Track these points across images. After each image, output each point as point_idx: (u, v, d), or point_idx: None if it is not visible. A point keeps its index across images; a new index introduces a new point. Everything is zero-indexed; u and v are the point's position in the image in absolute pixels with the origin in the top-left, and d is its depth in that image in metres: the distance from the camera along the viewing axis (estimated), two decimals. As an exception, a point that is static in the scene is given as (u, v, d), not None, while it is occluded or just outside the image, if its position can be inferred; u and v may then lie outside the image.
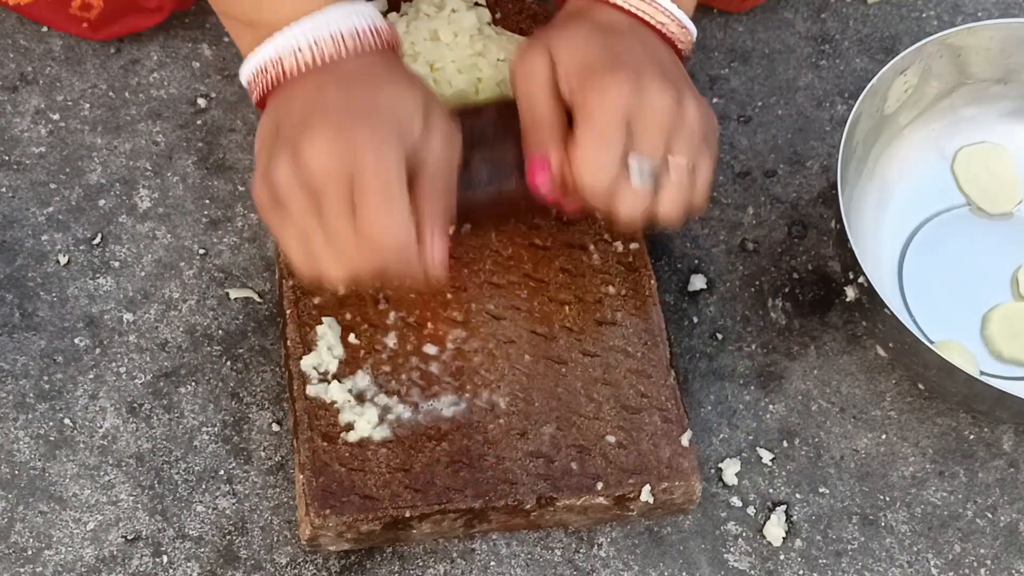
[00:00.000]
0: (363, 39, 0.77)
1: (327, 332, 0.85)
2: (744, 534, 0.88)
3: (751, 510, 0.89)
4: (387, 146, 0.73)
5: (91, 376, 0.89)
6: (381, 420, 0.83)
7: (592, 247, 0.90)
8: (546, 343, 0.87)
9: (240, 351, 0.91)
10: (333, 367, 0.84)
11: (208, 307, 0.92)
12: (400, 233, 0.72)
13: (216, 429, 0.88)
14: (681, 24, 0.82)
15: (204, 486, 0.86)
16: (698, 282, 0.96)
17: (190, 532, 0.85)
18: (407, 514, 0.80)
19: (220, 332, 0.91)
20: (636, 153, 0.77)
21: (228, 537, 0.85)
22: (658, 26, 0.81)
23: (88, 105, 0.98)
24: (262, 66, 0.77)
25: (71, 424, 0.88)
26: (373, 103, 0.74)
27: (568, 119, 0.79)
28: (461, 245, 0.88)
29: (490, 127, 0.82)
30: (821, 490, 0.90)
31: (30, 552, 0.84)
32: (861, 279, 0.87)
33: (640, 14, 0.81)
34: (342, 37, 0.76)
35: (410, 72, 0.79)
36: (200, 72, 1.00)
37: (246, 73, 0.78)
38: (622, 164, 0.76)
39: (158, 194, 0.95)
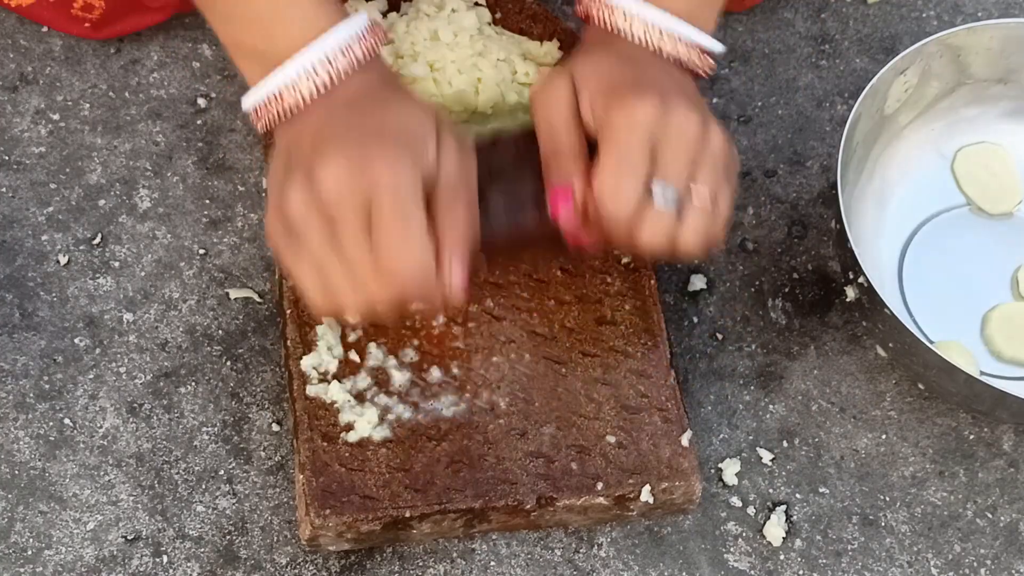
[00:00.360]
0: (358, 52, 0.75)
1: (327, 332, 0.85)
2: (744, 534, 0.88)
3: (751, 510, 0.89)
4: (403, 167, 0.71)
5: (91, 376, 0.89)
6: (381, 420, 0.83)
7: (592, 247, 0.90)
8: (546, 343, 0.87)
9: (240, 351, 0.91)
10: (333, 367, 0.84)
11: (208, 307, 0.92)
12: (419, 258, 0.70)
13: (216, 429, 0.88)
14: (703, 51, 0.81)
15: (204, 486, 0.86)
16: (698, 282, 0.96)
17: (190, 532, 0.85)
18: (407, 514, 0.80)
19: (220, 332, 0.91)
20: (660, 179, 0.75)
21: (228, 537, 0.85)
22: (679, 59, 0.80)
23: (88, 105, 0.98)
24: (265, 100, 0.75)
25: (71, 424, 0.88)
26: (385, 124, 0.73)
27: (589, 148, 0.77)
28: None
29: (507, 158, 0.79)
30: (821, 490, 0.90)
31: (30, 552, 0.84)
32: (861, 279, 0.87)
33: (658, 50, 0.79)
34: (339, 57, 0.74)
35: (411, 93, 0.77)
36: (200, 72, 1.00)
37: (249, 104, 0.76)
38: (645, 190, 0.74)
39: (158, 194, 0.95)
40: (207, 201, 0.96)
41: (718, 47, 0.82)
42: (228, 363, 0.90)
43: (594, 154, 0.76)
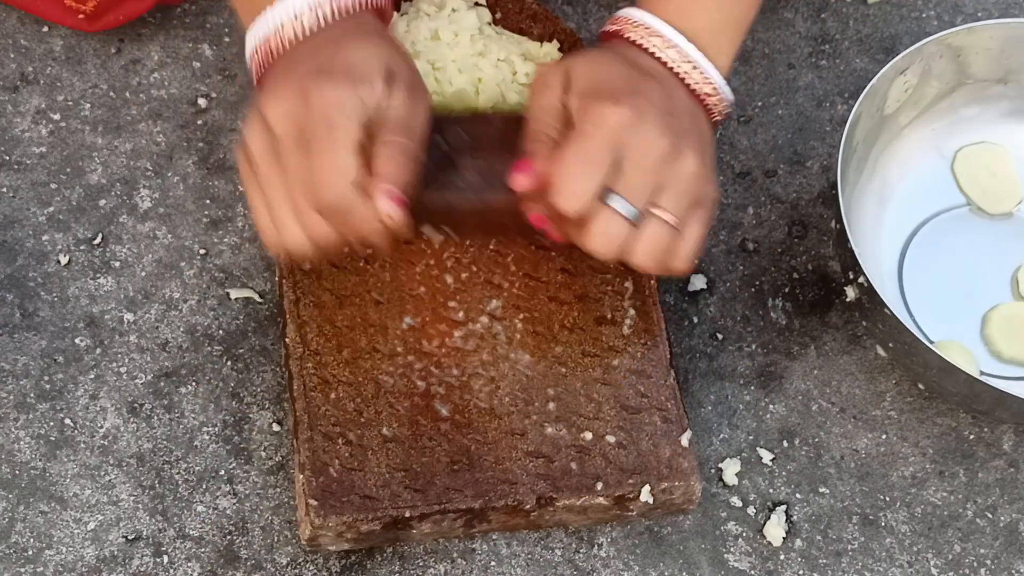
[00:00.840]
0: (341, 7, 0.79)
1: None
2: (744, 534, 0.89)
3: (751, 510, 0.89)
4: (339, 98, 0.74)
5: (92, 376, 0.89)
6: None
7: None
8: (546, 343, 0.87)
9: (240, 351, 0.91)
10: None
11: (208, 307, 0.92)
12: (342, 176, 0.74)
13: (217, 429, 0.88)
14: (716, 88, 0.83)
15: (205, 486, 0.87)
16: (698, 282, 0.96)
17: (191, 532, 0.85)
18: (407, 514, 0.81)
19: (221, 332, 0.91)
20: (617, 193, 0.76)
21: (228, 537, 0.85)
22: (690, 83, 0.82)
23: (89, 105, 0.98)
24: (253, 48, 0.80)
25: (72, 424, 0.88)
26: (333, 61, 0.76)
27: None
28: (458, 246, 0.89)
29: (490, 136, 0.82)
30: (821, 490, 0.90)
31: (31, 552, 0.84)
32: (861, 279, 0.87)
33: (673, 66, 0.82)
34: (323, 9, 0.78)
35: (383, 34, 0.80)
36: (201, 72, 1.00)
37: (249, 48, 0.81)
38: (600, 193, 0.76)
39: (159, 194, 0.95)
40: (208, 201, 0.96)
41: (729, 95, 0.85)
42: (228, 363, 0.90)
43: None
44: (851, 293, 0.89)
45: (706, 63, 0.82)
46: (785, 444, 0.92)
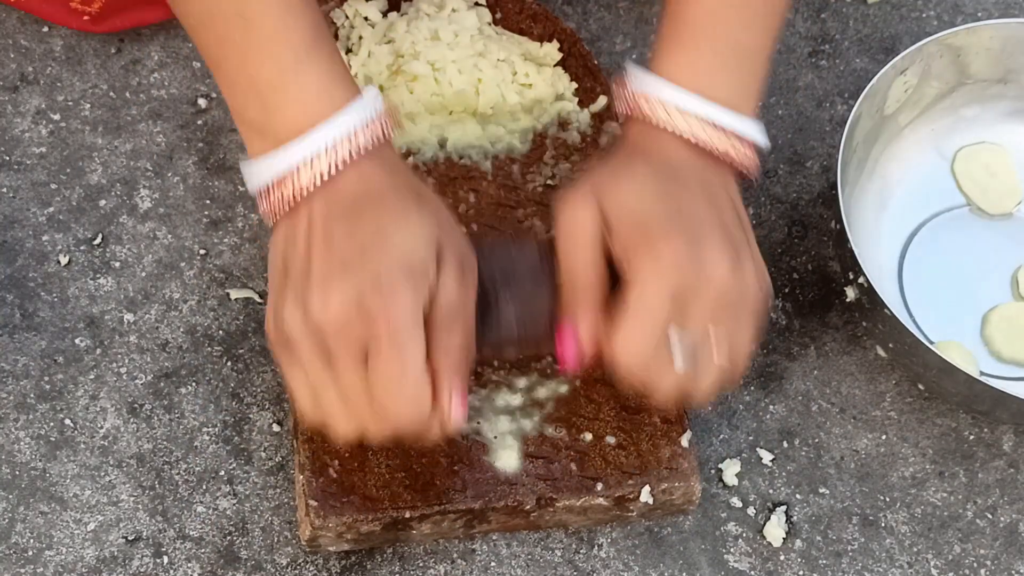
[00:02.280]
0: (362, 144, 0.71)
1: None
2: (744, 534, 0.89)
3: (751, 510, 0.89)
4: (402, 300, 0.68)
5: (92, 376, 0.89)
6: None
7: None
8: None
9: (241, 351, 0.91)
10: None
11: (209, 307, 0.92)
12: (414, 397, 0.69)
13: (217, 429, 0.88)
14: (752, 145, 0.77)
15: (205, 486, 0.87)
16: (698, 282, 0.96)
17: (191, 532, 0.85)
18: (407, 515, 0.81)
19: (221, 332, 0.91)
20: (676, 328, 0.72)
21: (229, 538, 0.85)
22: (718, 152, 0.76)
23: (89, 105, 0.98)
24: (266, 187, 0.73)
25: (72, 424, 0.88)
26: (382, 244, 0.69)
27: (611, 275, 0.74)
28: None
29: (526, 265, 0.77)
30: (821, 490, 0.90)
31: (31, 552, 0.84)
32: (861, 279, 0.87)
33: (706, 145, 0.75)
34: (343, 144, 0.71)
35: (418, 190, 0.73)
36: (201, 72, 1.00)
37: (256, 184, 0.74)
38: (662, 341, 0.72)
39: (159, 194, 0.95)
40: (208, 201, 0.96)
41: (762, 139, 0.78)
42: (229, 363, 0.90)
43: (616, 286, 0.74)
44: (851, 293, 0.89)
45: (731, 117, 0.76)
46: (785, 444, 0.92)
